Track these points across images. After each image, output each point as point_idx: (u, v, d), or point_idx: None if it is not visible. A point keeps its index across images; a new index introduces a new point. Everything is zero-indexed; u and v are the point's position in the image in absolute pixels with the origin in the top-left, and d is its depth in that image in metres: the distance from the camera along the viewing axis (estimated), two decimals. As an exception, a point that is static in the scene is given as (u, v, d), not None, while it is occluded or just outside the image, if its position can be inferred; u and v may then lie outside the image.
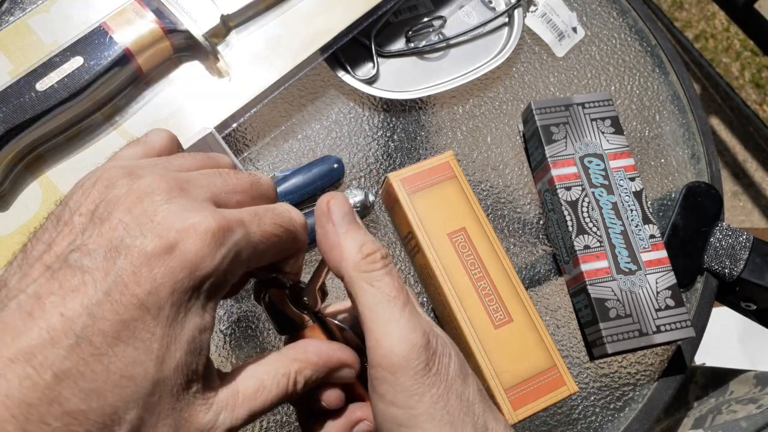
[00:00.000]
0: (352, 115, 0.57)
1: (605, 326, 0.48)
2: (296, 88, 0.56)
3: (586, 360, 0.52)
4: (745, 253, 0.55)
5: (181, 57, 0.50)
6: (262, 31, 0.52)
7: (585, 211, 0.52)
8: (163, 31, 0.47)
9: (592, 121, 0.55)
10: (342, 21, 0.52)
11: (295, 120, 0.55)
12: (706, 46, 1.65)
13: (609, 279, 0.50)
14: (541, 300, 0.54)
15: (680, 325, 0.49)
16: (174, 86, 0.50)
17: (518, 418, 0.43)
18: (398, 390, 0.26)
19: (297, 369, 0.27)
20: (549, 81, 0.61)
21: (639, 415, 0.51)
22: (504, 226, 0.56)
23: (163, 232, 0.23)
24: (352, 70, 0.56)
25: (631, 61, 0.64)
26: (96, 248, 0.23)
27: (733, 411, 0.53)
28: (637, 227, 0.52)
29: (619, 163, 0.54)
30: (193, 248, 0.23)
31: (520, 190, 0.57)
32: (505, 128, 0.59)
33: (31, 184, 0.46)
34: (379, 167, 0.55)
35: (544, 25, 0.62)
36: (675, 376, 0.53)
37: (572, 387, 0.45)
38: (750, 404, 0.52)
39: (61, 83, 0.45)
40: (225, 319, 0.50)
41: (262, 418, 0.47)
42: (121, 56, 0.46)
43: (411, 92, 0.56)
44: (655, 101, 0.63)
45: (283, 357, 0.28)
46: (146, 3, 0.48)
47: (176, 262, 0.22)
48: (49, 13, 0.49)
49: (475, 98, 0.59)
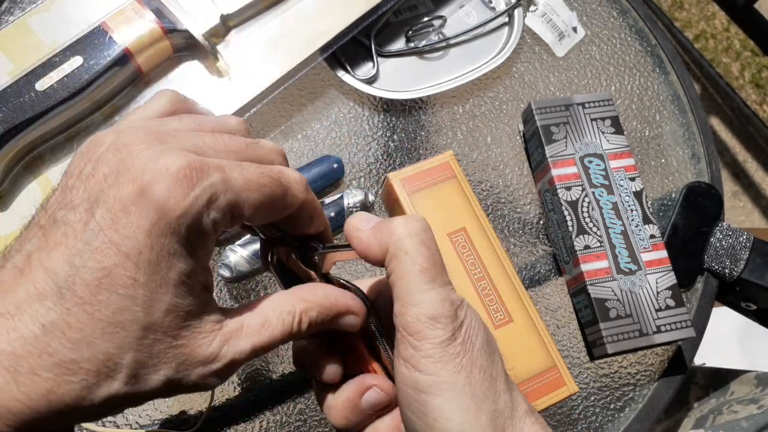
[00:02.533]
0: (351, 115, 0.57)
1: (605, 326, 0.48)
2: (296, 87, 0.56)
3: (586, 360, 0.52)
4: (746, 253, 0.55)
5: (180, 57, 0.50)
6: (261, 31, 0.52)
7: (585, 211, 0.52)
8: (163, 30, 0.47)
9: (593, 121, 0.55)
10: (342, 21, 0.52)
11: (295, 120, 0.55)
12: (706, 46, 1.65)
13: (609, 279, 0.50)
14: (541, 300, 0.54)
15: (680, 325, 0.49)
16: (173, 86, 0.50)
17: (518, 419, 0.43)
18: (422, 356, 0.27)
19: (303, 308, 0.28)
20: (549, 81, 0.61)
21: (639, 415, 0.51)
22: (504, 226, 0.56)
23: (136, 177, 0.23)
24: (352, 69, 0.56)
25: (631, 61, 0.64)
26: (80, 202, 0.23)
27: (734, 411, 0.53)
28: (638, 227, 0.52)
29: (620, 163, 0.54)
30: (164, 188, 0.23)
31: (520, 190, 0.57)
32: (505, 128, 0.59)
33: (30, 183, 0.46)
34: (379, 167, 0.55)
35: (544, 25, 0.62)
36: (675, 376, 0.53)
37: (572, 387, 0.45)
38: (751, 404, 0.52)
39: (61, 83, 0.45)
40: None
41: (262, 418, 0.47)
42: (121, 56, 0.46)
43: (411, 92, 0.56)
44: (655, 101, 0.63)
45: (291, 296, 0.28)
46: (146, 3, 0.48)
47: (149, 203, 0.22)
48: (49, 12, 0.49)
49: (475, 98, 0.59)
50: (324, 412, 0.31)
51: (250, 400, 0.48)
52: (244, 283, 0.50)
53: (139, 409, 0.47)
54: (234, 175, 0.25)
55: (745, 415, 0.50)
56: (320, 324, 0.28)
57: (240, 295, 0.50)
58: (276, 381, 0.49)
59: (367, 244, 0.29)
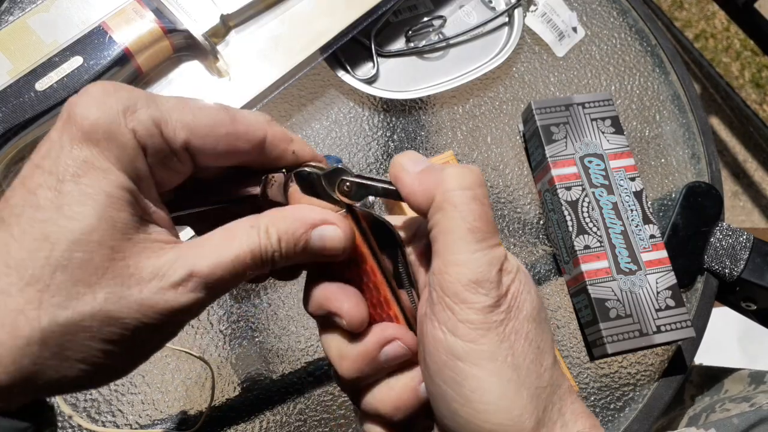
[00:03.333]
0: (352, 115, 0.57)
1: (605, 326, 0.48)
2: (296, 88, 0.56)
3: (586, 360, 0.52)
4: (746, 253, 0.55)
5: (180, 56, 0.50)
6: (261, 31, 0.52)
7: (585, 211, 0.52)
8: (163, 30, 0.47)
9: (593, 121, 0.55)
10: (342, 21, 0.52)
11: (295, 120, 0.55)
12: (706, 45, 1.65)
13: (609, 279, 0.50)
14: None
15: (680, 325, 0.49)
16: (173, 86, 0.50)
17: (518, 419, 0.43)
18: (460, 320, 0.24)
19: (268, 221, 0.25)
20: (549, 81, 0.61)
21: (639, 415, 0.51)
22: (504, 226, 0.56)
23: (67, 108, 0.23)
24: (352, 69, 0.56)
25: (631, 61, 0.64)
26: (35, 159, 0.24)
27: (727, 410, 0.53)
28: (638, 227, 0.52)
29: (620, 163, 0.54)
30: (82, 105, 0.23)
31: (520, 190, 0.57)
32: (505, 128, 0.59)
33: (30, 184, 0.46)
34: (379, 167, 0.55)
35: (544, 25, 0.62)
36: (675, 376, 0.53)
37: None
38: (743, 402, 0.52)
39: (61, 83, 0.45)
40: (225, 319, 0.50)
41: (262, 418, 0.47)
42: (121, 56, 0.46)
43: (411, 92, 0.56)
44: (655, 101, 0.63)
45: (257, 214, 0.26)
46: (146, 3, 0.48)
47: (68, 122, 0.23)
48: (49, 12, 0.49)
49: (475, 98, 0.59)
50: (332, 361, 0.28)
51: (250, 400, 0.48)
52: (244, 283, 0.50)
53: (138, 409, 0.47)
54: (162, 100, 0.24)
55: (737, 413, 0.50)
56: (293, 239, 0.26)
57: (240, 295, 0.50)
58: (276, 381, 0.49)
59: (411, 189, 0.26)
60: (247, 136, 0.26)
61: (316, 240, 0.26)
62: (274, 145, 0.27)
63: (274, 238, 0.25)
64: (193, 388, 0.48)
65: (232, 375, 0.48)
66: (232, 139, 0.25)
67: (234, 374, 0.49)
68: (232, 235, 0.25)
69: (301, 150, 0.28)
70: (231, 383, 0.48)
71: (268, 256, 0.25)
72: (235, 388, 0.48)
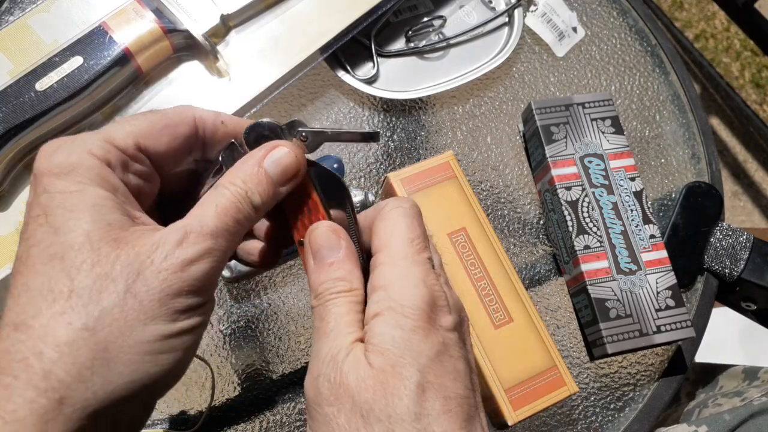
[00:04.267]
0: (352, 115, 0.57)
1: (605, 326, 0.48)
2: (296, 88, 0.56)
3: (586, 360, 0.52)
4: (746, 253, 0.55)
5: (180, 57, 0.50)
6: (261, 31, 0.52)
7: (585, 211, 0.52)
8: (163, 30, 0.47)
9: (593, 121, 0.55)
10: (342, 21, 0.52)
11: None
12: (706, 46, 1.65)
13: (609, 279, 0.50)
14: (541, 300, 0.54)
15: (680, 325, 0.49)
16: (173, 86, 0.50)
17: (518, 419, 0.43)
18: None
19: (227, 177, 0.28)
20: (549, 81, 0.61)
21: (639, 415, 0.51)
22: (504, 226, 0.56)
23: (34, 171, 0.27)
24: (352, 69, 0.56)
25: (631, 61, 0.64)
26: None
27: (719, 405, 0.53)
28: (638, 227, 0.52)
29: (620, 163, 0.54)
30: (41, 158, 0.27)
31: (520, 190, 0.57)
32: (505, 128, 0.59)
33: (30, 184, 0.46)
34: (379, 167, 0.55)
35: (544, 25, 0.62)
36: (675, 376, 0.53)
37: (572, 387, 0.45)
38: (735, 397, 0.52)
39: (61, 83, 0.45)
40: (225, 320, 0.50)
41: (262, 418, 0.47)
42: (121, 56, 0.46)
43: (411, 92, 0.56)
44: (655, 101, 0.63)
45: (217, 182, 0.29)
46: (146, 3, 0.48)
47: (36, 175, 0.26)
48: (49, 12, 0.49)
49: (475, 98, 0.59)
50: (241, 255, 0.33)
51: (250, 400, 0.48)
52: (244, 283, 0.50)
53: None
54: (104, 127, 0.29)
55: (729, 408, 0.50)
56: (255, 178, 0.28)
57: (240, 295, 0.50)
58: (276, 381, 0.49)
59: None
60: (181, 122, 0.29)
61: (272, 167, 0.29)
62: (204, 120, 0.30)
63: (240, 184, 0.28)
64: (193, 388, 0.48)
65: (232, 375, 0.48)
66: (171, 129, 0.29)
67: (234, 374, 0.49)
68: (206, 200, 0.27)
69: (227, 118, 0.31)
70: (231, 383, 0.48)
71: (246, 202, 0.27)
72: (235, 388, 0.48)
